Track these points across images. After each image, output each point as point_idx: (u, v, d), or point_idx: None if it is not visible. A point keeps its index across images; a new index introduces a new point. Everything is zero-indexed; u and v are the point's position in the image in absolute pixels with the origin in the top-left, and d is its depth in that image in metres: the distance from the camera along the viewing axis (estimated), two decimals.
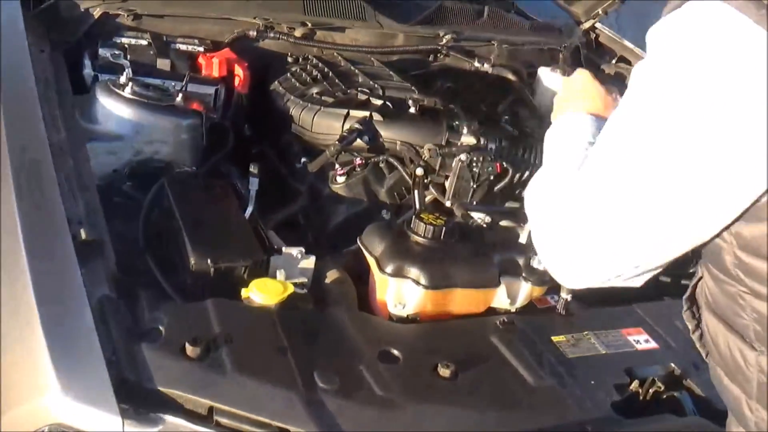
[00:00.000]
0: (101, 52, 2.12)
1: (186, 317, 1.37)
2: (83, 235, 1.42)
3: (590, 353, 1.51)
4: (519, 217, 1.85)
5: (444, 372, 1.36)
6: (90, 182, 1.63)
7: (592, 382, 1.43)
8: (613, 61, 2.96)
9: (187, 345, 1.27)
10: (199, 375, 1.25)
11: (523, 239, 1.67)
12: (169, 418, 1.19)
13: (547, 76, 2.62)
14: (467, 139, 1.94)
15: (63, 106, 1.81)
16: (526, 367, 1.42)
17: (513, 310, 1.62)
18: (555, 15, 3.04)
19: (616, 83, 2.85)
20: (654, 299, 1.72)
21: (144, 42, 2.20)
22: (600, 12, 2.91)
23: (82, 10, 2.23)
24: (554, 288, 1.63)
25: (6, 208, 1.45)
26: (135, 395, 1.19)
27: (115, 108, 1.88)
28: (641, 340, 1.58)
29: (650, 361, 1.53)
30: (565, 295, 1.60)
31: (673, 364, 1.51)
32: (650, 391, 1.47)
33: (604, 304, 1.75)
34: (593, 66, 2.93)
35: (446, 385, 1.35)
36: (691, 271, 1.95)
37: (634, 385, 1.46)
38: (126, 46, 2.16)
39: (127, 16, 2.25)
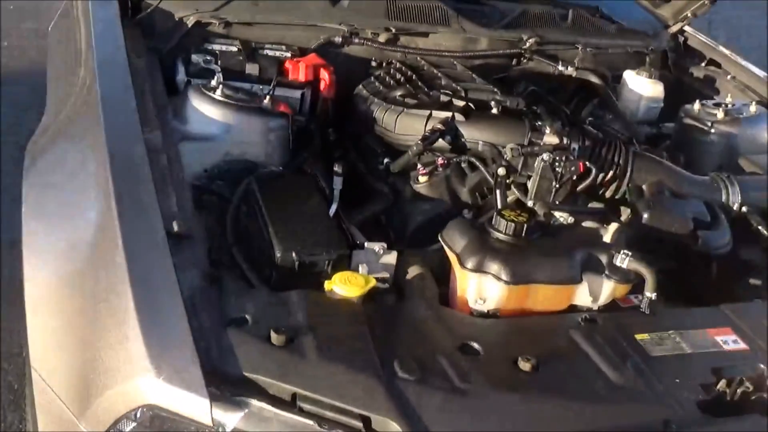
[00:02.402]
0: (194, 58, 2.21)
1: (271, 307, 1.41)
2: (176, 227, 1.47)
3: (675, 352, 1.48)
4: (602, 217, 1.83)
5: (524, 365, 1.36)
6: (182, 180, 1.70)
7: (677, 381, 1.40)
8: (703, 64, 2.90)
9: (272, 333, 1.31)
10: (283, 362, 1.28)
11: (606, 238, 1.65)
12: (254, 403, 1.22)
13: (632, 79, 2.59)
14: (550, 139, 1.94)
15: (158, 108, 1.89)
16: (609, 364, 1.41)
17: (595, 308, 1.60)
18: (641, 19, 3.00)
19: (706, 86, 2.81)
20: (743, 300, 1.68)
21: (234, 48, 2.29)
22: (689, 15, 2.85)
23: (177, 19, 2.34)
24: (638, 286, 1.60)
25: (105, 202, 1.53)
26: (222, 380, 1.23)
27: (205, 110, 1.96)
28: (729, 341, 1.54)
29: (739, 361, 1.49)
30: (649, 294, 1.57)
31: (762, 365, 1.47)
32: (738, 391, 1.42)
33: (690, 305, 1.72)
34: (682, 69, 2.88)
35: (526, 378, 1.35)
36: None
37: (722, 384, 1.42)
38: (217, 52, 2.25)
39: (219, 24, 2.35)
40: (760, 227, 1.98)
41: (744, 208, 2.01)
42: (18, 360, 2.65)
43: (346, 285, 1.48)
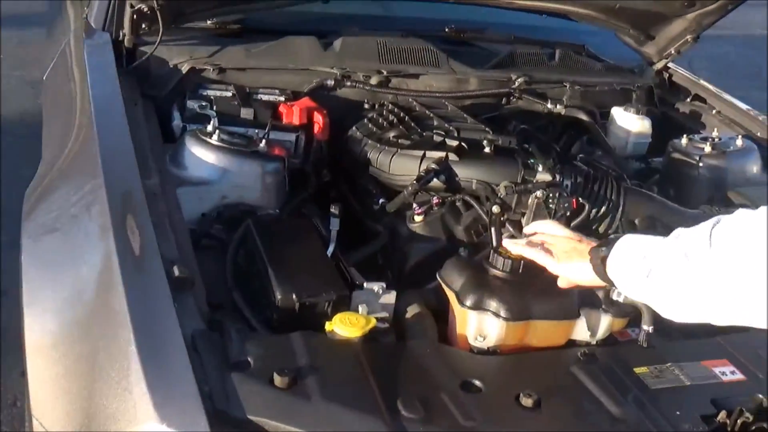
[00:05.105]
0: (189, 104, 2.24)
1: (273, 349, 1.42)
2: (176, 272, 1.48)
3: (674, 384, 1.49)
4: None
5: (526, 402, 1.37)
6: (181, 224, 1.71)
7: (678, 413, 1.41)
8: (688, 99, 2.96)
9: (275, 375, 1.31)
10: (286, 404, 1.28)
11: None
12: None
13: (620, 115, 2.64)
14: (543, 176, 1.97)
15: (155, 154, 1.91)
16: (609, 398, 1.41)
17: (594, 342, 1.61)
18: (627, 57, 3.06)
19: (691, 122, 2.86)
20: (738, 331, 1.69)
21: (228, 93, 2.32)
22: (672, 52, 2.91)
23: (171, 66, 2.38)
24: (635, 320, 1.62)
25: (105, 248, 1.54)
26: (227, 424, 1.23)
27: (202, 155, 1.98)
28: (727, 372, 1.55)
29: (737, 392, 1.50)
30: (646, 327, 1.59)
31: (761, 396, 1.48)
32: (738, 421, 1.43)
33: (687, 337, 1.73)
34: (668, 105, 2.93)
35: (529, 414, 1.35)
36: None
37: (722, 416, 1.43)
38: (212, 97, 2.28)
39: (213, 70, 2.38)
40: None
41: None
42: (13, 410, 2.63)
43: (346, 326, 1.49)
